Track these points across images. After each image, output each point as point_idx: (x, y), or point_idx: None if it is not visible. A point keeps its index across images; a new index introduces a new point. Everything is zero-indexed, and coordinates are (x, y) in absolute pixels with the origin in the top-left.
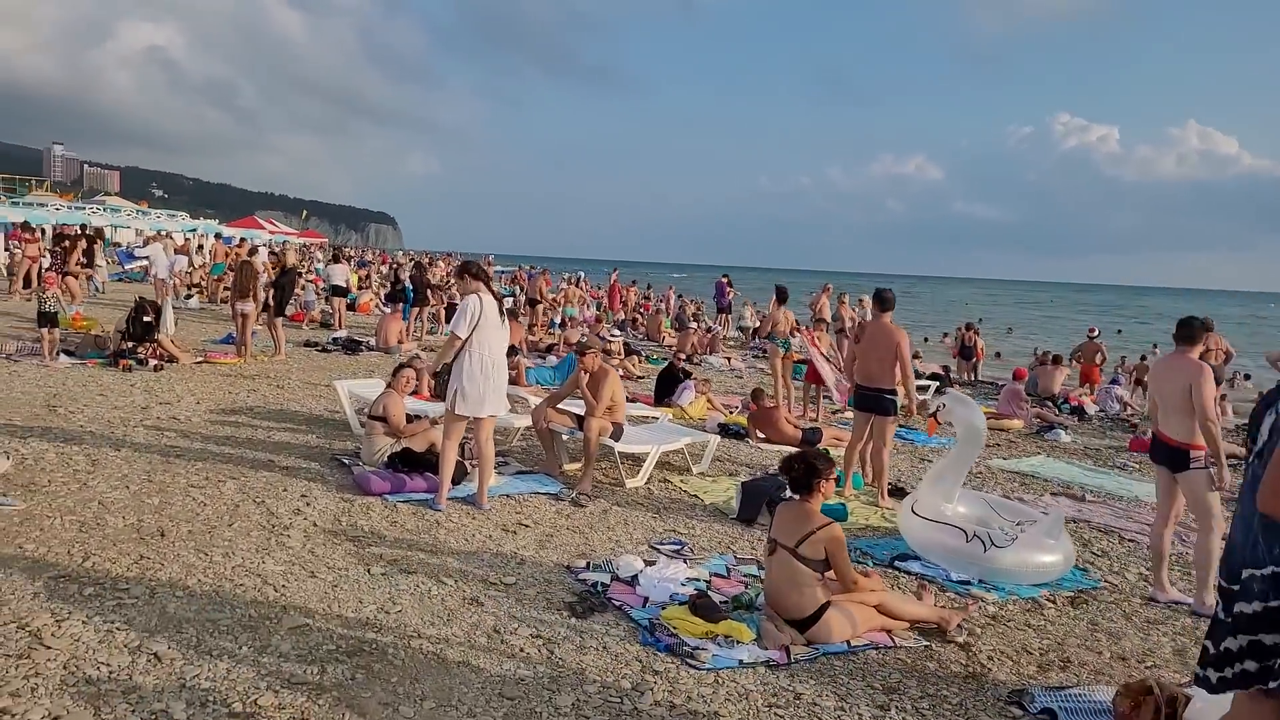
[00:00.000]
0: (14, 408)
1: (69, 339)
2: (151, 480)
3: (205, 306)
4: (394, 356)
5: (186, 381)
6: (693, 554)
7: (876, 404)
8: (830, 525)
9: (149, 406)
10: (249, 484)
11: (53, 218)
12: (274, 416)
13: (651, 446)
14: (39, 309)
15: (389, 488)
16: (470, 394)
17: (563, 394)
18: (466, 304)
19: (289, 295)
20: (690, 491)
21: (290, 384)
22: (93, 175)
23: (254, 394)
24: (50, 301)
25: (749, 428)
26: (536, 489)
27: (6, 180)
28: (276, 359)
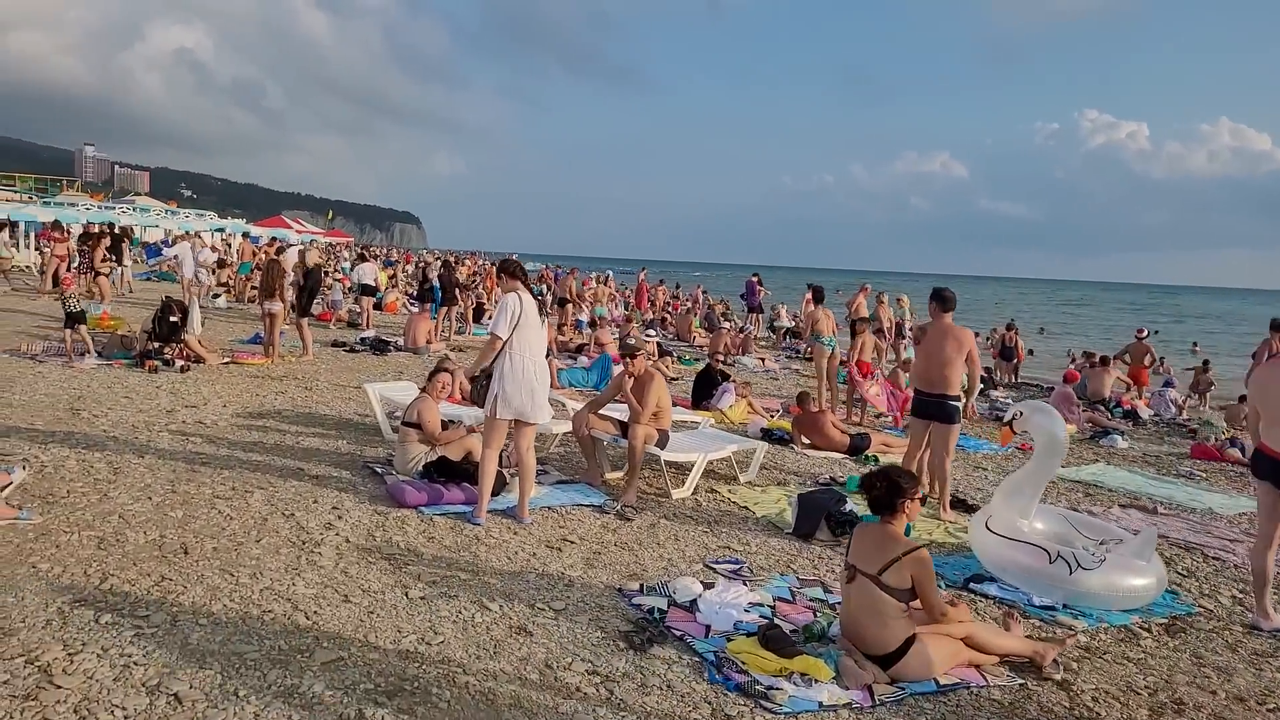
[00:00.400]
0: (37, 411)
1: (96, 338)
2: (175, 491)
3: (233, 306)
4: (422, 357)
5: (213, 383)
6: (752, 574)
7: (939, 411)
8: (917, 551)
9: (174, 410)
10: (277, 495)
11: (83, 217)
12: (302, 420)
13: (698, 455)
14: (65, 310)
15: (425, 499)
16: (512, 398)
17: (605, 398)
18: (506, 303)
19: (314, 296)
20: (739, 503)
21: (319, 386)
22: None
23: (282, 396)
24: (72, 301)
25: (793, 433)
26: (579, 500)
27: (39, 181)
28: (304, 359)
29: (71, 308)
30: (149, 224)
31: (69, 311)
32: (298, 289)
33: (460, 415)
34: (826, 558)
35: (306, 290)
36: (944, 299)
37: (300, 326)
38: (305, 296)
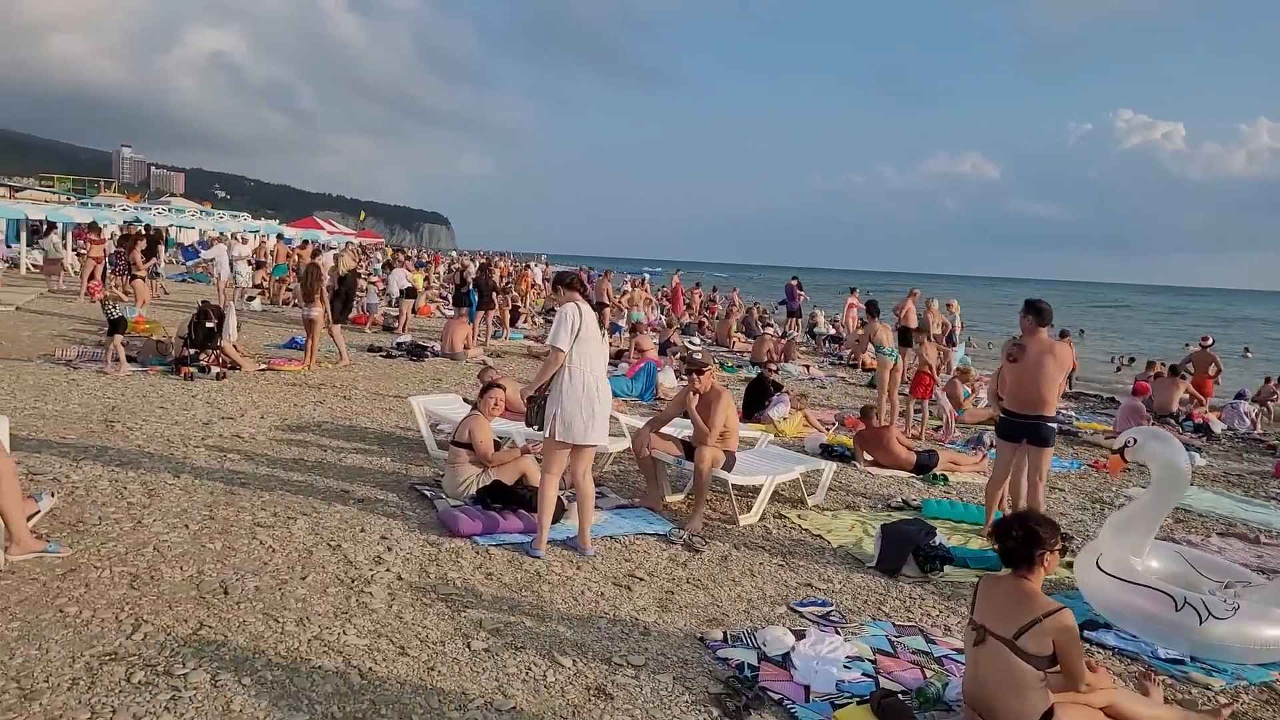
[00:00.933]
0: (70, 422)
1: (131, 343)
2: (213, 517)
3: (268, 309)
4: (460, 362)
5: (250, 391)
6: (843, 619)
7: (1034, 434)
8: (1060, 613)
9: (210, 422)
10: (322, 522)
11: (119, 219)
12: (343, 434)
13: (765, 478)
14: (107, 316)
15: (479, 528)
16: (573, 418)
17: (667, 416)
18: (564, 313)
19: (350, 302)
20: (811, 529)
21: (357, 395)
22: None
23: (320, 407)
24: (111, 306)
25: (856, 449)
26: (642, 529)
27: (77, 182)
28: (341, 366)
29: (112, 313)
30: (184, 225)
31: (111, 318)
32: (331, 295)
33: (510, 432)
34: (918, 597)
35: (340, 296)
36: (1040, 312)
37: (333, 332)
38: (339, 303)
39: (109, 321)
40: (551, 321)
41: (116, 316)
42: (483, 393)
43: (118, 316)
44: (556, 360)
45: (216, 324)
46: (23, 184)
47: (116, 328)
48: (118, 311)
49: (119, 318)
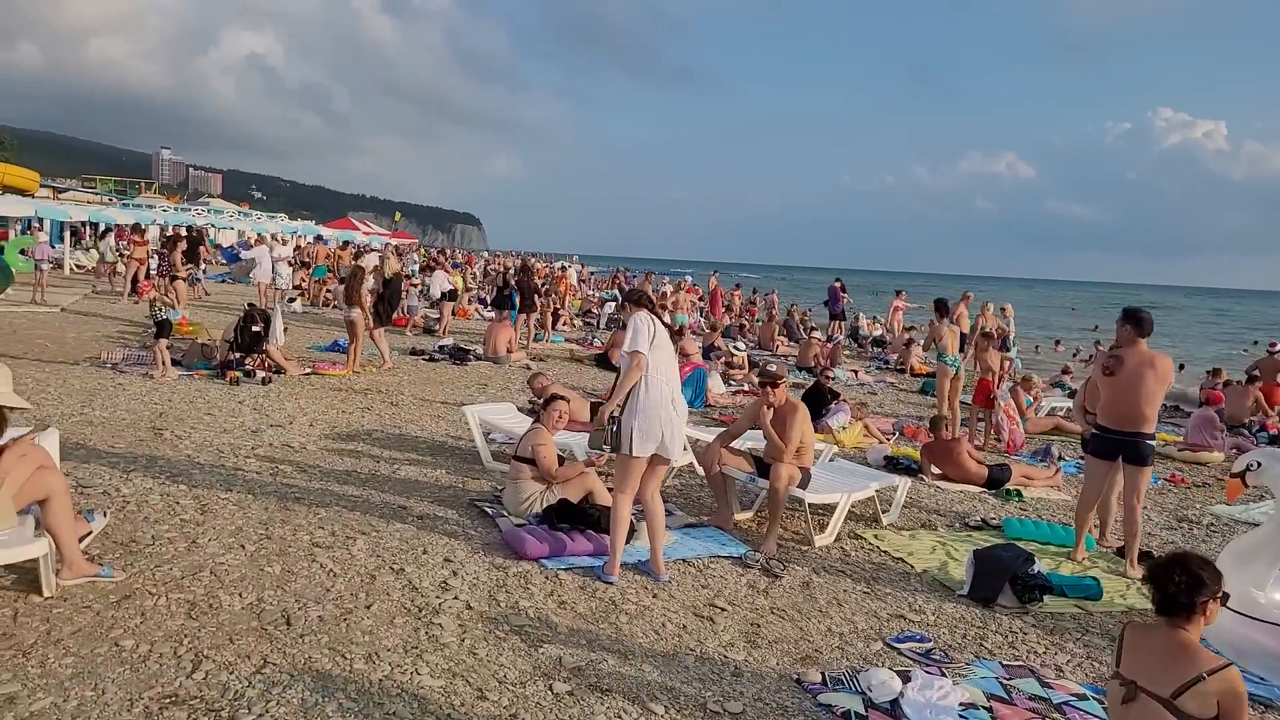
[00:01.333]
0: (118, 430)
1: (175, 346)
2: (270, 536)
3: (308, 310)
4: (503, 366)
5: (296, 397)
6: (946, 658)
7: (1132, 452)
8: (1227, 671)
9: (259, 429)
10: (382, 541)
11: (160, 219)
12: (394, 444)
13: (841, 495)
14: (154, 319)
15: (546, 551)
16: (652, 432)
17: (739, 430)
18: (636, 320)
19: (394, 306)
20: (890, 552)
21: (404, 401)
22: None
23: (368, 413)
24: (158, 309)
25: (923, 462)
26: (715, 551)
27: (118, 183)
28: (385, 370)
29: (158, 316)
30: (222, 225)
31: (158, 320)
32: (376, 297)
33: (569, 445)
34: (1019, 631)
35: (385, 300)
36: (1140, 321)
37: (376, 336)
38: (384, 306)
39: (155, 324)
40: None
41: (163, 319)
42: (545, 405)
43: (163, 319)
44: (639, 366)
45: (263, 327)
46: (66, 185)
47: (162, 330)
48: (164, 314)
49: (164, 320)
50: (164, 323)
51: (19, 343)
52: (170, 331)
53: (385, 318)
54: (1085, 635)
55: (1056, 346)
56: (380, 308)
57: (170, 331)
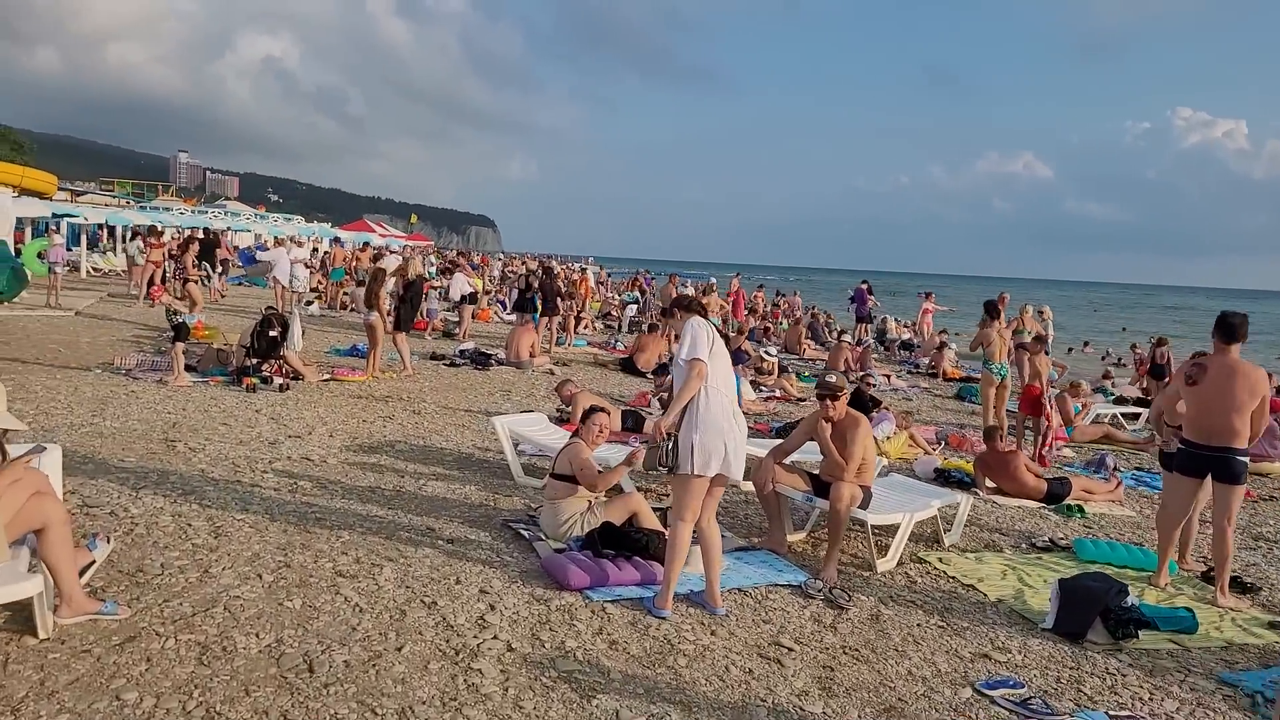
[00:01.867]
0: (129, 441)
1: (190, 351)
2: (289, 563)
3: (325, 313)
4: (526, 371)
5: (315, 405)
6: (1047, 708)
7: (1223, 468)
8: None
9: (277, 441)
10: (411, 569)
11: (177, 222)
12: (419, 456)
13: (903, 515)
14: (171, 322)
15: (590, 581)
16: (714, 449)
17: (793, 445)
18: (693, 325)
19: (415, 309)
20: (959, 578)
21: (427, 409)
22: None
23: (390, 423)
24: (174, 312)
25: (977, 474)
26: (772, 578)
27: (136, 186)
28: (405, 375)
29: (175, 319)
30: (239, 228)
31: (174, 324)
32: (397, 301)
33: (607, 460)
34: (1116, 672)
35: (407, 303)
36: (1230, 328)
37: (398, 340)
38: (405, 310)
39: (173, 328)
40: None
41: (179, 322)
42: (584, 418)
43: (180, 322)
44: (700, 375)
45: (280, 332)
46: (84, 188)
47: (179, 334)
48: (180, 318)
49: (180, 324)
50: (181, 326)
51: (32, 347)
52: (188, 335)
53: (406, 322)
54: (1188, 676)
55: (1085, 348)
56: (401, 311)
57: (188, 335)
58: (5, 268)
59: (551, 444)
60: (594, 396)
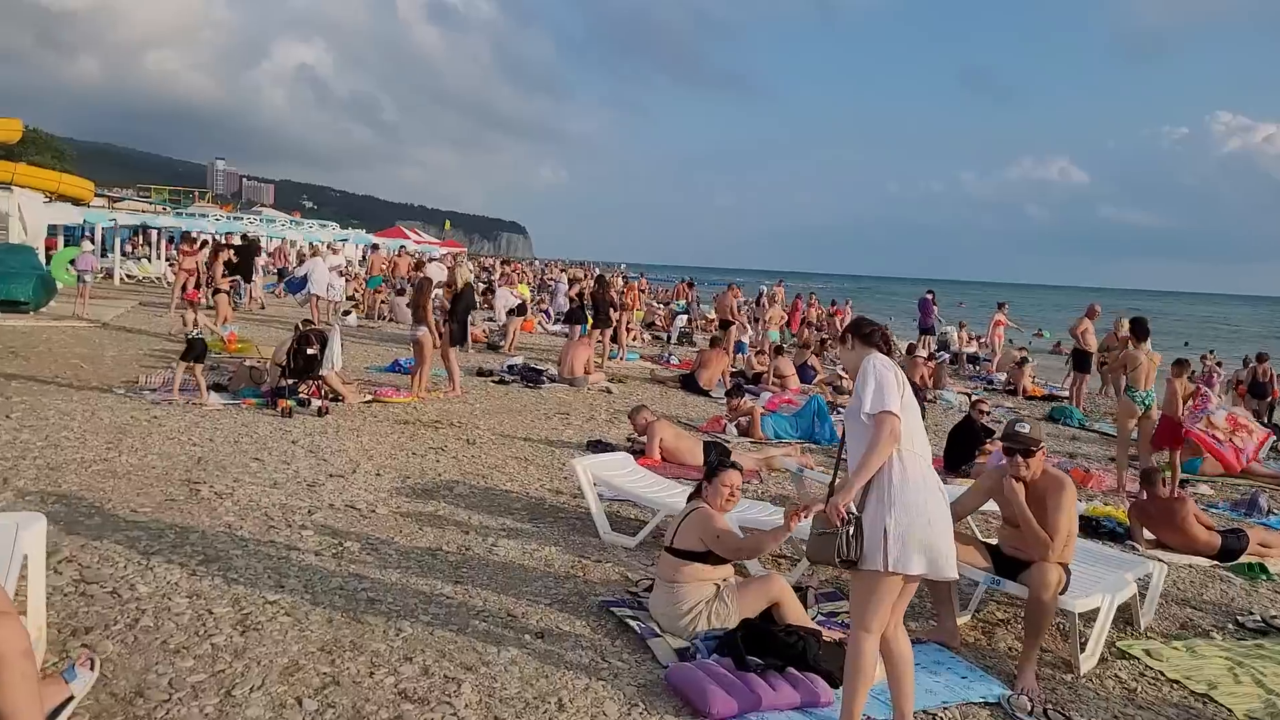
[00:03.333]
0: (145, 483)
1: (221, 367)
2: (338, 678)
3: (363, 323)
4: (580, 389)
5: (357, 432)
6: None
7: None
8: None
9: (317, 482)
10: (497, 685)
11: (212, 227)
12: (481, 502)
13: (1104, 597)
14: (185, 336)
15: (736, 708)
16: (918, 539)
17: (966, 509)
18: (873, 367)
19: (466, 323)
20: (1182, 680)
21: (481, 437)
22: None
23: (443, 455)
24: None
25: (1133, 525)
26: (962, 692)
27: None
28: (452, 396)
29: (191, 334)
30: (274, 235)
31: (189, 338)
32: (445, 313)
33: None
34: None
35: (457, 316)
36: None
37: (448, 357)
38: (456, 323)
39: (186, 342)
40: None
41: (194, 337)
42: (711, 475)
43: (195, 338)
44: (892, 435)
45: (319, 350)
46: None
47: (192, 352)
48: (195, 332)
49: (195, 339)
50: (194, 343)
51: (53, 362)
52: (203, 354)
53: (458, 336)
54: None
55: None
56: (452, 325)
57: (203, 354)
58: (33, 276)
59: (640, 491)
60: (673, 426)
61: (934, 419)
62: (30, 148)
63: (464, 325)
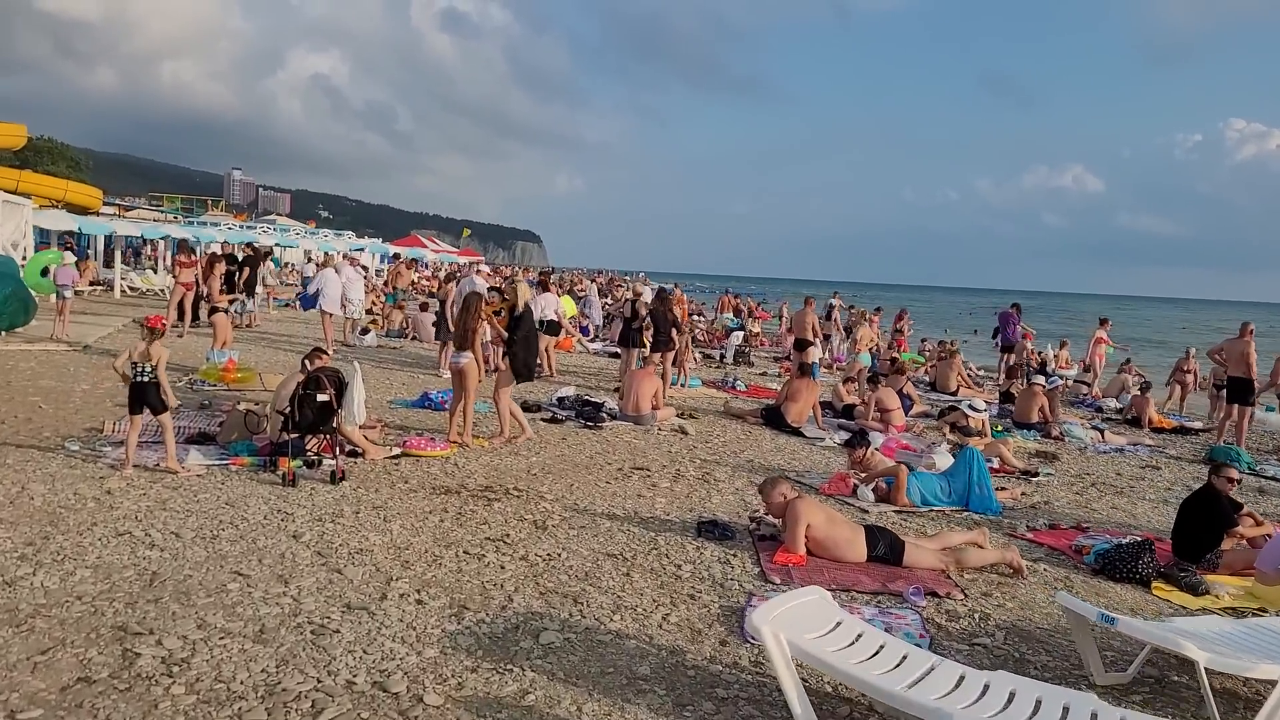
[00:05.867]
0: (57, 637)
1: (216, 404)
2: None
3: (383, 344)
4: (647, 428)
5: (384, 514)
6: None
7: None
8: None
9: (326, 627)
10: None
11: (221, 237)
12: (589, 668)
13: None
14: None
15: None
16: None
17: None
18: None
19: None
20: None
21: (552, 517)
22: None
23: (508, 558)
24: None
25: None
26: None
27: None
28: (501, 440)
29: (139, 374)
30: (288, 244)
31: (134, 381)
32: (506, 344)
33: None
34: None
35: (519, 344)
36: None
37: (500, 397)
38: (518, 354)
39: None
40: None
41: (141, 380)
42: None
43: (142, 381)
44: None
45: (333, 396)
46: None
47: (141, 400)
48: (149, 370)
49: (143, 383)
50: (141, 390)
51: (6, 401)
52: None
53: (523, 369)
54: None
55: None
56: (515, 357)
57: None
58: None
59: (884, 685)
60: (822, 507)
61: (1080, 466)
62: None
63: (530, 354)
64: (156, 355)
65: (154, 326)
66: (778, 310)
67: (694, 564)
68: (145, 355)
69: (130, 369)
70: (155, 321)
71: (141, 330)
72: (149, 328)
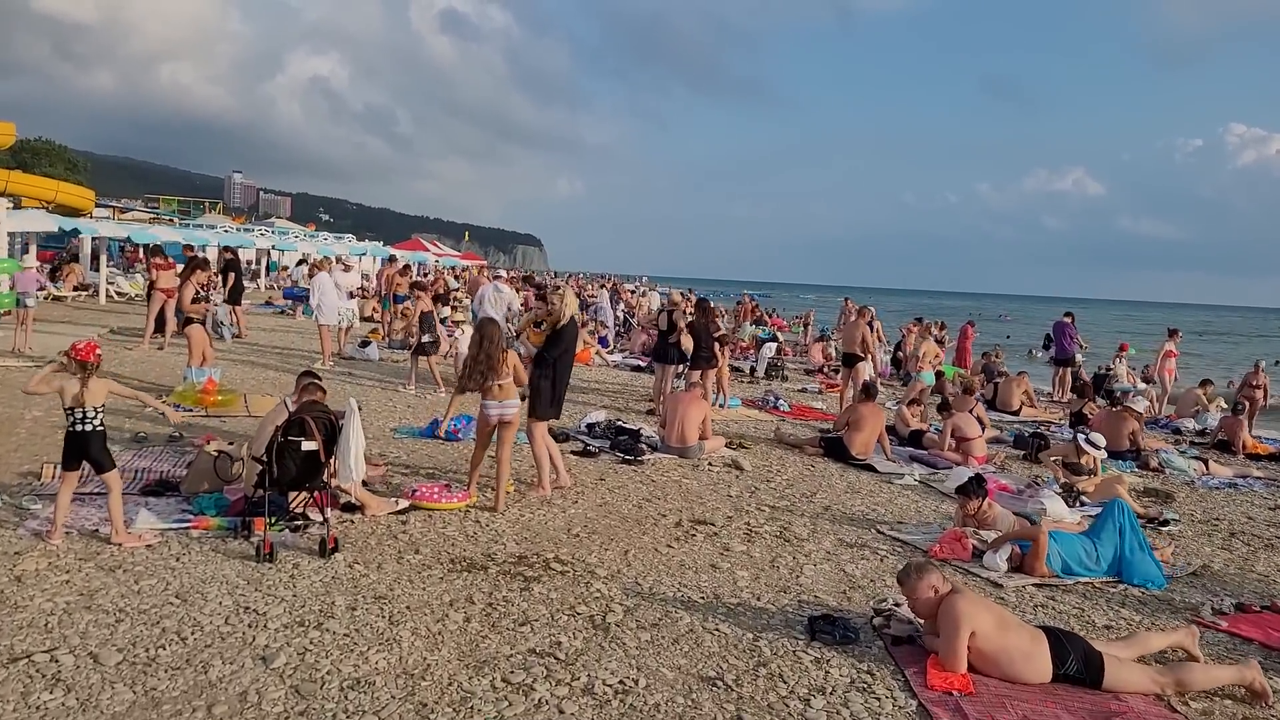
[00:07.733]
0: None
1: (182, 444)
2: None
3: (384, 356)
4: (695, 461)
5: (387, 610)
6: None
7: None
8: None
9: None
10: None
11: (217, 240)
12: None
13: None
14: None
15: None
16: None
17: None
18: None
19: (565, 379)
20: None
21: (613, 607)
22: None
23: (566, 688)
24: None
25: None
26: None
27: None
28: (536, 494)
29: (77, 422)
30: (287, 247)
31: (72, 430)
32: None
33: None
34: None
35: (551, 366)
36: None
37: (536, 435)
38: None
39: (67, 435)
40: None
41: (83, 430)
42: None
43: (83, 430)
44: None
45: (322, 445)
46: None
47: (82, 452)
48: (87, 420)
49: (83, 433)
50: (80, 440)
51: None
52: (101, 458)
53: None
54: None
55: None
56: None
57: (101, 458)
58: None
59: None
60: (990, 606)
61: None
62: (43, 159)
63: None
64: (97, 396)
65: (84, 360)
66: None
67: (824, 692)
68: (79, 400)
69: (65, 416)
70: (86, 353)
71: (69, 364)
72: (78, 360)
